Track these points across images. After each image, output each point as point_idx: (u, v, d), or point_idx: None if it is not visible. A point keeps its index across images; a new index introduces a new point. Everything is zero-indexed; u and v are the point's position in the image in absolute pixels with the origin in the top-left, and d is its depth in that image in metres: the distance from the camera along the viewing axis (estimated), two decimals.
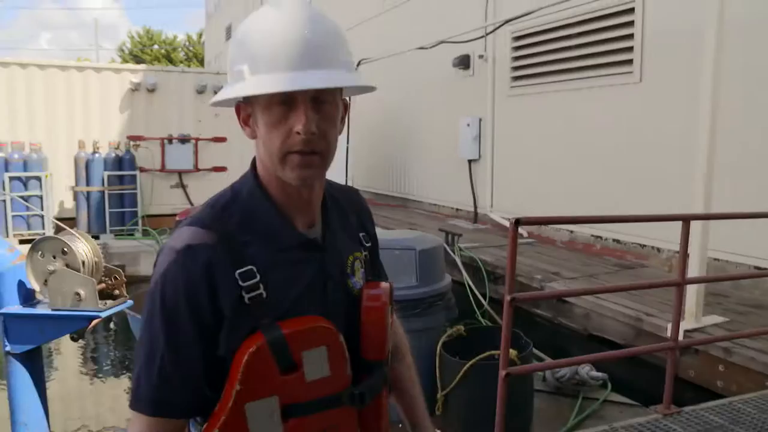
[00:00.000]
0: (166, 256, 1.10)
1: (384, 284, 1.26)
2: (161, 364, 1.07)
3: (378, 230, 1.40)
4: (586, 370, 4.30)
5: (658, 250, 7.56)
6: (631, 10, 7.51)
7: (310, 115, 1.06)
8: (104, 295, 3.22)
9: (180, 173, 11.54)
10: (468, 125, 10.60)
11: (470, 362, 3.58)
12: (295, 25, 1.07)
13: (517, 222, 2.94)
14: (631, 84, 7.68)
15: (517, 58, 9.57)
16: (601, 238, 8.34)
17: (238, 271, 1.08)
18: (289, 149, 1.09)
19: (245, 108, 1.17)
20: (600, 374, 4.38)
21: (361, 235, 1.31)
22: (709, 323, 5.22)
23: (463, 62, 10.59)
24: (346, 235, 1.27)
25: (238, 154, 11.18)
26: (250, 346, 1.06)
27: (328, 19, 1.13)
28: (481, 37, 9.68)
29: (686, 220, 3.57)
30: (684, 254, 3.59)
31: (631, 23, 7.54)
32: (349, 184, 12.50)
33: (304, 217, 1.20)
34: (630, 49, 7.59)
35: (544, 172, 9.09)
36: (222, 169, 11.53)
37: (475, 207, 10.79)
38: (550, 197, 8.77)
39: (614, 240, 8.15)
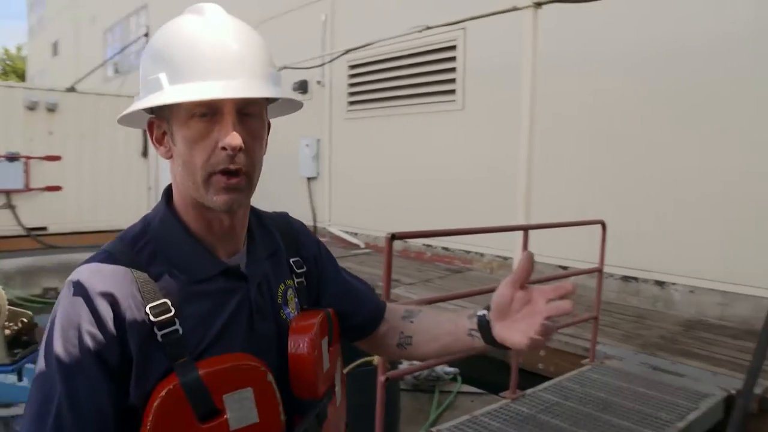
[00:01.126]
0: (65, 296, 0.88)
1: (320, 317, 1.06)
2: (56, 417, 0.83)
3: None
4: (440, 367, 4.42)
5: (481, 255, 8.08)
6: (454, 47, 7.99)
7: (237, 129, 0.89)
8: (15, 342, 2.57)
9: (8, 193, 10.16)
10: (307, 145, 10.59)
11: (345, 370, 3.51)
12: (219, 32, 0.91)
13: (393, 236, 2.94)
14: (454, 111, 8.15)
15: (352, 85, 9.74)
16: (431, 246, 8.72)
17: (149, 306, 0.88)
18: (213, 168, 0.90)
19: (159, 125, 0.97)
20: (452, 369, 4.54)
21: (292, 261, 1.11)
22: None
23: (302, 87, 10.55)
24: (274, 263, 1.08)
25: (75, 173, 10.18)
26: (162, 389, 0.85)
27: (253, 30, 0.97)
28: (321, 65, 9.71)
29: (525, 229, 3.83)
30: None
31: (453, 58, 8.02)
32: None
33: (226, 246, 1.00)
34: (453, 80, 8.06)
35: (379, 188, 9.32)
36: (56, 188, 10.33)
37: (315, 221, 10.76)
38: (384, 211, 9.01)
39: (443, 248, 8.56)
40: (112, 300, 0.87)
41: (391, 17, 8.63)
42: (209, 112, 0.89)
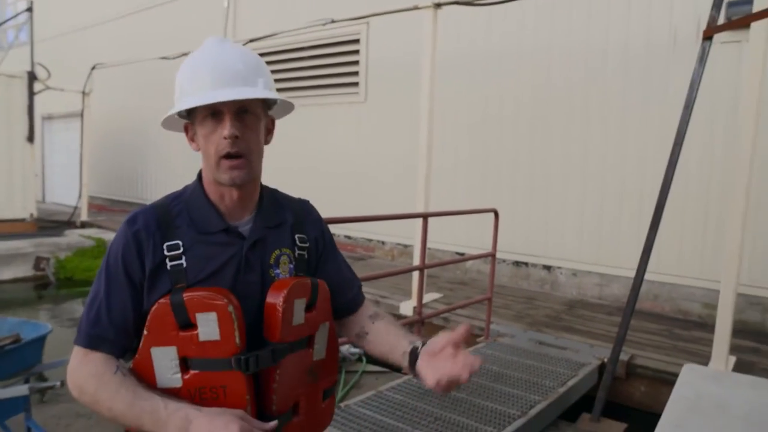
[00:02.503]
0: (119, 229, 1.29)
1: (302, 281, 1.32)
2: (98, 308, 1.25)
3: None
4: (345, 348, 4.64)
5: (383, 243, 8.37)
6: (357, 41, 8.18)
7: (233, 123, 1.22)
8: None
9: None
10: None
11: None
12: (222, 56, 1.26)
13: None
14: (357, 103, 8.36)
15: None
16: (334, 234, 8.82)
17: (166, 244, 1.25)
18: (220, 154, 1.24)
19: (191, 127, 1.31)
20: (357, 350, 4.77)
21: (296, 236, 1.40)
22: (430, 299, 6.01)
23: None
24: (276, 233, 1.37)
25: None
26: (157, 302, 1.22)
27: (249, 51, 1.31)
28: None
29: (425, 217, 4.11)
30: (424, 245, 4.13)
31: (357, 51, 8.22)
32: (84, 191, 11.32)
33: (234, 213, 1.33)
34: (356, 73, 8.26)
35: (282, 178, 9.28)
36: None
37: None
38: None
39: (346, 236, 8.78)
40: (140, 237, 1.26)
41: (295, 8, 8.71)
42: (215, 113, 1.24)
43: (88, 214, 11.44)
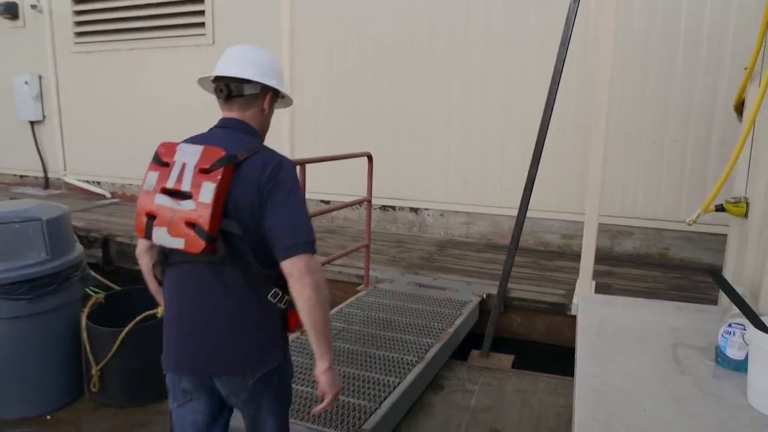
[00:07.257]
0: (291, 162, 1.79)
1: None
2: (306, 211, 1.68)
3: None
4: None
5: None
6: None
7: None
8: None
9: None
10: (26, 83, 9.10)
11: (127, 328, 3.25)
12: (235, 50, 2.01)
13: None
14: (204, 45, 7.73)
15: (80, 13, 8.55)
16: None
17: None
18: None
19: (271, 98, 2.00)
20: None
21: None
22: None
23: (10, 11, 8.94)
24: None
25: None
26: None
27: (263, 52, 1.95)
28: None
29: (302, 164, 3.90)
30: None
31: None
32: None
33: None
34: (202, 12, 7.59)
35: (122, 130, 8.50)
36: None
37: (45, 172, 9.49)
38: (130, 156, 8.26)
39: None
40: None
41: None
42: None
43: None
